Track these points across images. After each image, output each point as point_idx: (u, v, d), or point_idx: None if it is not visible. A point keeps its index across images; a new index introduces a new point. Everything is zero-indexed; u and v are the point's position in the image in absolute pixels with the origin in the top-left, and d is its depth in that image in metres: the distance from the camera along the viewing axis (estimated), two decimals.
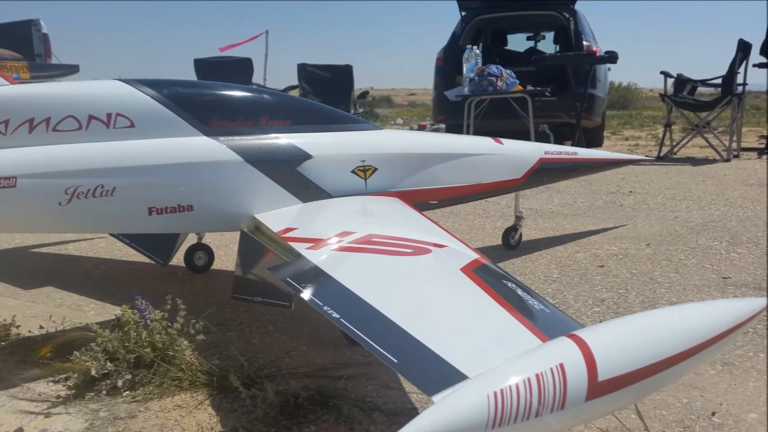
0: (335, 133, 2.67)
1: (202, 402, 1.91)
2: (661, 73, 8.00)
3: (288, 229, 2.14)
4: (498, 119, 6.34)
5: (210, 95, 2.55)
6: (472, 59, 5.93)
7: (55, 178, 2.16)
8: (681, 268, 3.24)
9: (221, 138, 2.39)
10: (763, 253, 3.44)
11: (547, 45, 10.45)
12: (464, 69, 6.03)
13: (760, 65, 7.73)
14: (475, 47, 6.12)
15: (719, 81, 7.60)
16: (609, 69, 8.92)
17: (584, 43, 8.24)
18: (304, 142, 2.51)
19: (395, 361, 1.36)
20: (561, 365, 1.21)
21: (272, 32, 10.66)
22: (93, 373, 1.99)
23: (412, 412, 1.83)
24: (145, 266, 3.37)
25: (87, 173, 2.19)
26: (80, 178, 2.18)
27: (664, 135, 7.80)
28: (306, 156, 2.48)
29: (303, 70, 8.36)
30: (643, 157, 4.66)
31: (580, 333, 1.32)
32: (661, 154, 7.64)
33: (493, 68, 5.78)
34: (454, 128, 6.21)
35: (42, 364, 2.14)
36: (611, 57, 7.65)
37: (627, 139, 9.93)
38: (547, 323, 1.46)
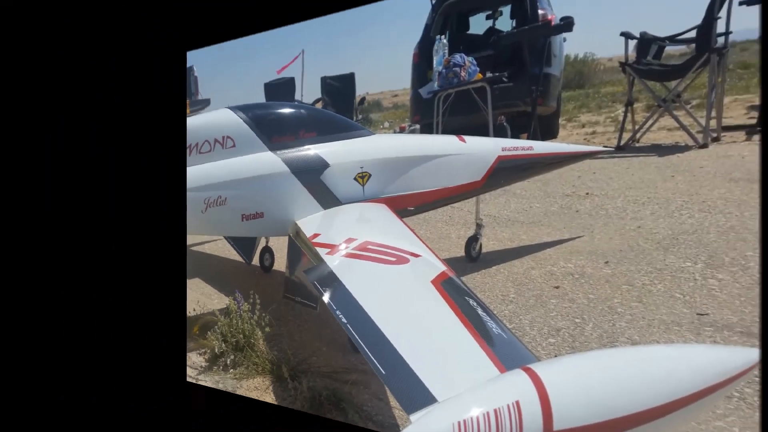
0: (343, 141, 2.83)
1: (268, 387, 2.31)
2: (622, 34, 6.44)
3: (315, 234, 2.35)
4: (462, 114, 5.78)
5: (272, 114, 2.84)
6: (440, 50, 5.42)
7: (197, 192, 2.60)
8: (645, 295, 2.71)
9: (278, 152, 2.68)
10: (753, 282, 2.63)
11: (505, 22, 8.72)
12: (434, 62, 5.51)
13: (749, 2, 5.47)
14: (443, 37, 5.63)
15: (693, 35, 5.83)
16: (564, 39, 7.44)
17: (539, 11, 7.09)
18: (325, 152, 2.73)
19: (383, 372, 1.45)
20: (517, 403, 1.24)
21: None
22: (216, 350, 2.57)
23: (394, 428, 2.00)
24: (237, 264, 3.93)
25: (213, 186, 2.60)
26: (209, 191, 2.59)
27: (625, 117, 6.27)
28: (326, 165, 2.69)
29: (324, 82, 8.64)
30: (600, 148, 4.15)
31: (536, 368, 1.33)
32: (622, 143, 6.14)
33: (458, 57, 5.28)
34: (428, 128, 5.81)
35: (194, 339, 2.71)
36: (566, 24, 6.51)
37: (584, 125, 8.05)
38: (503, 351, 1.48)
